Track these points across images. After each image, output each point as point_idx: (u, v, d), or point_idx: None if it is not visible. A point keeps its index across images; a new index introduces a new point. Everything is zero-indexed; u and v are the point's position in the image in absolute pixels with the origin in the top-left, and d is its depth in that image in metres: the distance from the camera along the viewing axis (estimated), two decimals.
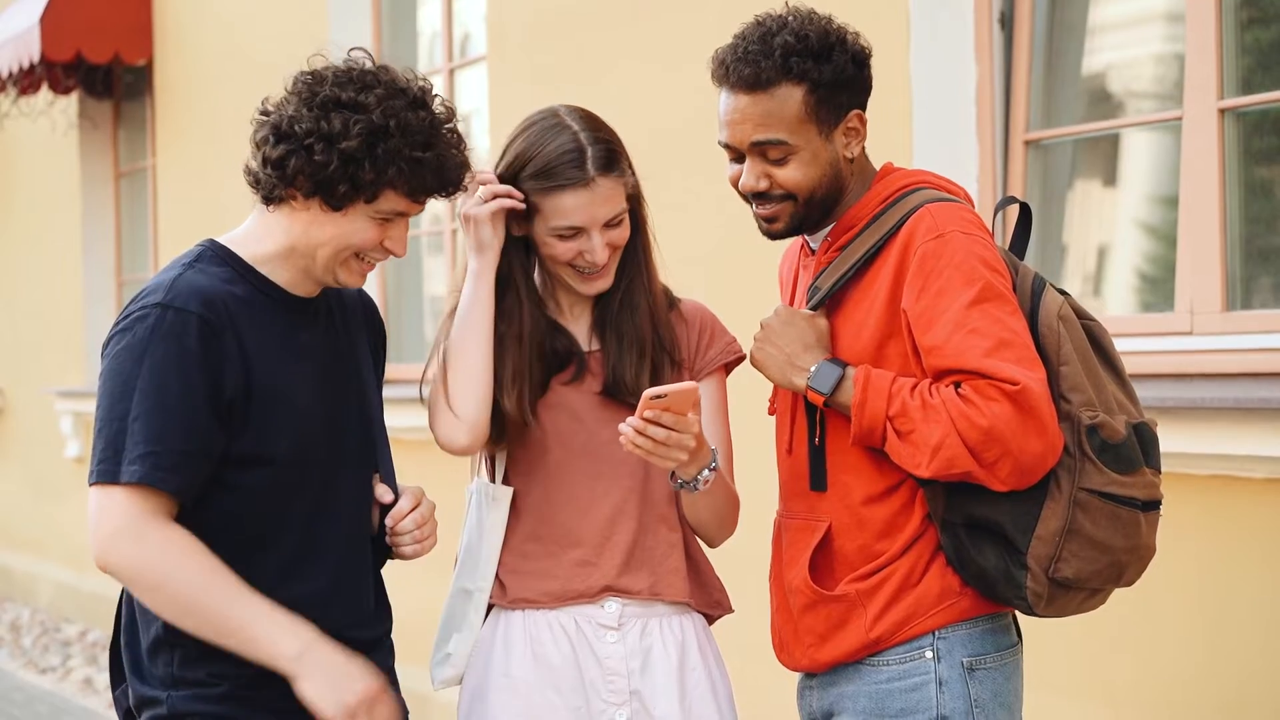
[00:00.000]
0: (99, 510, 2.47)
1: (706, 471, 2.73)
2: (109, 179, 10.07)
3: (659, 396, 2.58)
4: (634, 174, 2.84)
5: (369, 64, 2.55)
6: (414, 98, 2.52)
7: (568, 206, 2.75)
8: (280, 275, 2.61)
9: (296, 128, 2.47)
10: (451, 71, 6.98)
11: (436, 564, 2.98)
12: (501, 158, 2.83)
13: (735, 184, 2.71)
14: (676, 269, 3.01)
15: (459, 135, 2.58)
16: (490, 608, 2.87)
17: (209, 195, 8.22)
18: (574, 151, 2.76)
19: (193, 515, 2.51)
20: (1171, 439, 3.67)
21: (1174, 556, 3.65)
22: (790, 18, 2.66)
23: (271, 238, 2.60)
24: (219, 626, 2.46)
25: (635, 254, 2.88)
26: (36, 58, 8.77)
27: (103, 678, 8.16)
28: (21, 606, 10.52)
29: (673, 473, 2.74)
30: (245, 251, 2.61)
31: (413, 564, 2.97)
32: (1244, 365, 3.82)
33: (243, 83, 8.14)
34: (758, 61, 2.61)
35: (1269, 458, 3.63)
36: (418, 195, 2.55)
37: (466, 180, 2.65)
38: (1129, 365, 2.72)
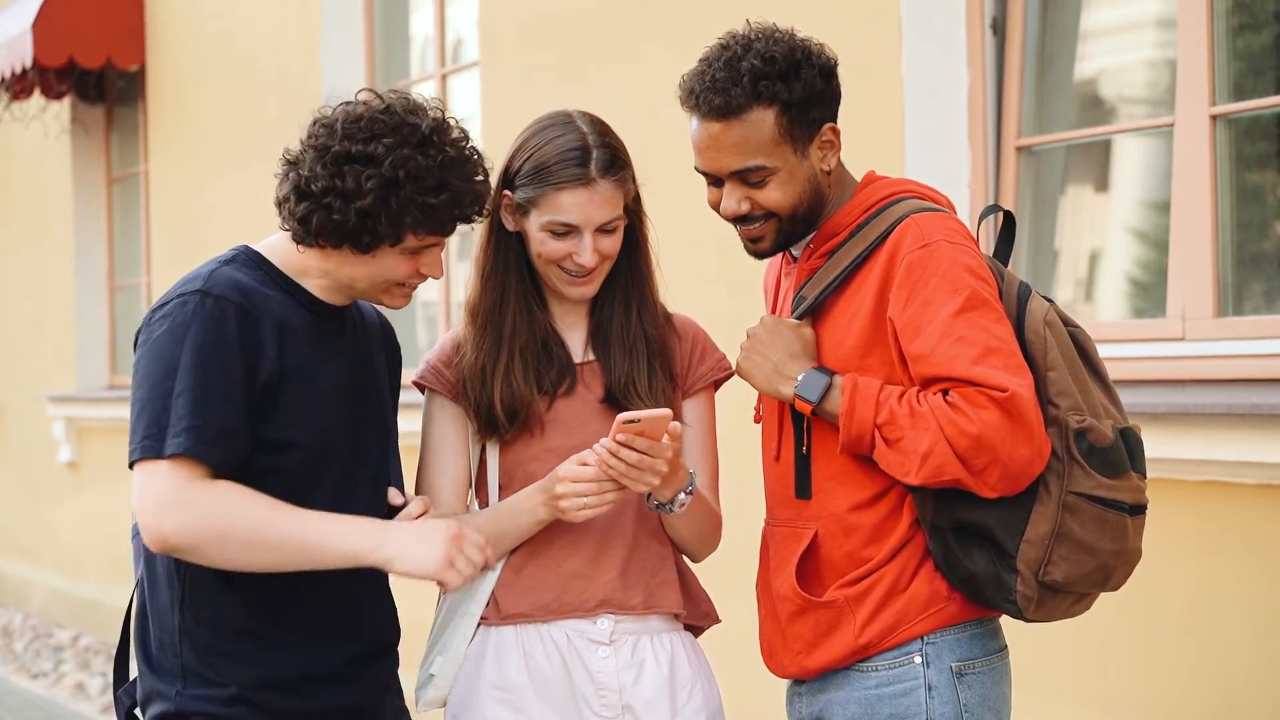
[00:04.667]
0: (144, 487, 2.50)
1: (683, 495, 2.74)
2: (101, 184, 10.06)
3: (632, 421, 2.59)
4: (636, 185, 2.84)
5: (378, 106, 2.58)
6: (423, 137, 2.56)
7: (565, 203, 2.75)
8: (313, 285, 2.67)
9: (314, 186, 2.55)
10: (444, 77, 6.97)
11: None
12: (510, 152, 2.84)
13: (715, 207, 2.71)
14: (668, 278, 3.00)
15: (474, 163, 2.61)
16: (479, 626, 2.86)
17: (201, 200, 8.20)
18: (578, 150, 2.76)
19: None
20: (1163, 444, 3.68)
21: (1166, 561, 3.65)
22: (755, 39, 2.64)
23: (305, 259, 2.66)
24: (295, 549, 2.51)
25: (636, 265, 2.88)
26: (29, 63, 8.76)
27: (95, 683, 8.14)
28: (13, 611, 10.51)
29: (649, 494, 2.74)
30: (279, 259, 2.67)
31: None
32: (1235, 371, 3.82)
33: (235, 88, 8.13)
34: (727, 89, 2.60)
35: (1260, 463, 3.63)
36: (438, 234, 2.62)
37: None
38: (1121, 371, 2.72)
